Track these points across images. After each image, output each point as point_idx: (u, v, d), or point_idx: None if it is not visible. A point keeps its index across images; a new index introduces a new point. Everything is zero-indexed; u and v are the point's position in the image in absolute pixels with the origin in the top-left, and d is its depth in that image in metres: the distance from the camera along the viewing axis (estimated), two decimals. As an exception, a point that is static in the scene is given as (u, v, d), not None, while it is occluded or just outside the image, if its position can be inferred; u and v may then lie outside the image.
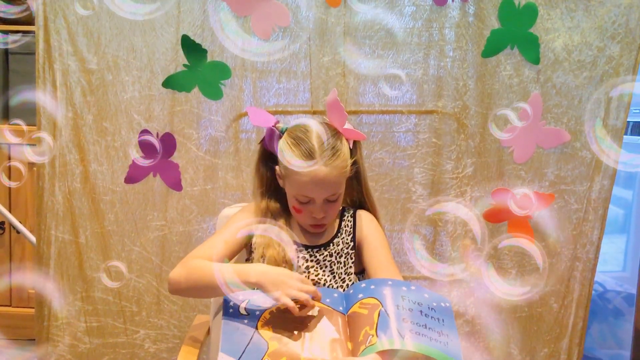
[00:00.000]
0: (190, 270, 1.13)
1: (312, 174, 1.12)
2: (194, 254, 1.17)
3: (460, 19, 1.62)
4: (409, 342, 0.99)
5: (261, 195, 1.26)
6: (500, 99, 1.64)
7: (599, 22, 1.60)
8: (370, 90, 1.67)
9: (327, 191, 1.15)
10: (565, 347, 1.75)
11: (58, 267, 1.72)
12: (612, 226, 2.53)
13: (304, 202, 1.17)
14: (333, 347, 1.04)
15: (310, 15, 1.62)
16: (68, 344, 1.75)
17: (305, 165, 1.12)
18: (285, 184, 1.19)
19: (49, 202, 1.69)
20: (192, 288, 1.13)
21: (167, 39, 1.62)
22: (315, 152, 1.13)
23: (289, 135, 1.17)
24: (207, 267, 1.11)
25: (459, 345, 1.04)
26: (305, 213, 1.18)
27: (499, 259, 1.72)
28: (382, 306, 1.06)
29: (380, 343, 1.00)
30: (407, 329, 1.01)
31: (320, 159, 1.12)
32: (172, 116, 1.66)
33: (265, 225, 1.18)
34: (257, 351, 1.03)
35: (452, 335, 1.05)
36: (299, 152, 1.13)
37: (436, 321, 1.06)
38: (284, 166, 1.16)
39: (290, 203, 1.21)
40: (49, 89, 1.63)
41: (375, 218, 1.30)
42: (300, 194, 1.16)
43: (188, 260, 1.16)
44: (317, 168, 1.12)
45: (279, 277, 1.06)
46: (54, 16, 1.60)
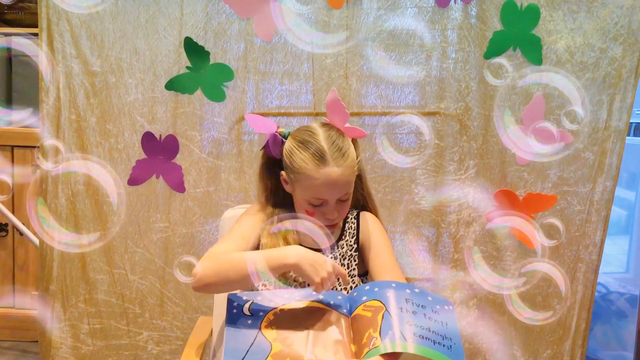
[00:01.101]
0: (218, 263, 1.11)
1: (325, 176, 1.12)
2: (214, 251, 1.16)
3: (463, 21, 1.62)
4: (413, 345, 0.99)
5: (266, 200, 1.25)
6: (503, 101, 1.64)
7: (601, 24, 1.60)
8: (372, 92, 1.67)
9: (340, 191, 1.15)
10: (568, 349, 1.75)
11: (61, 270, 1.72)
12: (615, 227, 2.52)
13: (316, 205, 1.16)
14: (336, 349, 1.04)
15: (313, 17, 1.62)
16: (71, 345, 1.75)
17: (319, 168, 1.12)
18: (295, 189, 1.18)
19: (52, 204, 1.69)
20: (222, 281, 1.10)
21: (170, 41, 1.62)
22: (326, 153, 1.13)
23: (294, 139, 1.17)
24: (237, 257, 1.11)
25: (462, 348, 1.04)
26: (318, 215, 1.17)
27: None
28: (386, 309, 1.06)
29: (383, 346, 1.00)
30: (410, 331, 1.01)
31: (332, 161, 1.13)
32: (175, 118, 1.66)
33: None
34: (261, 352, 1.03)
35: (455, 339, 1.05)
36: (309, 155, 1.13)
37: (440, 324, 1.06)
38: (293, 171, 1.16)
39: (300, 207, 1.19)
40: (52, 92, 1.64)
41: (378, 219, 1.30)
42: (314, 197, 1.15)
43: (212, 256, 1.14)
44: (330, 170, 1.12)
45: (316, 260, 1.06)
46: (57, 19, 1.61)
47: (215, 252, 1.15)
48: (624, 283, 2.33)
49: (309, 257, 1.06)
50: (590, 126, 1.64)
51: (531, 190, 1.67)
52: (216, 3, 1.61)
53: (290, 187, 1.20)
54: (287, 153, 1.17)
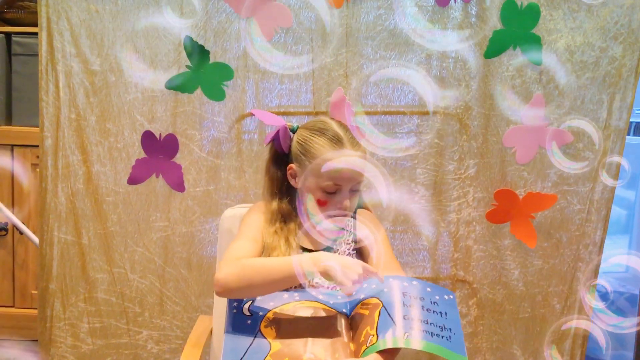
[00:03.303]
0: (243, 269, 1.10)
1: (344, 158, 1.15)
2: (232, 256, 1.15)
3: (463, 20, 1.62)
4: (410, 340, 0.99)
5: (271, 196, 1.26)
6: (503, 100, 1.64)
7: (601, 23, 1.59)
8: (372, 91, 1.67)
9: (356, 176, 1.17)
10: (568, 348, 1.75)
11: (61, 268, 1.72)
12: (615, 227, 2.53)
13: (331, 193, 1.16)
14: (335, 349, 1.04)
15: (313, 17, 1.62)
16: (71, 344, 1.75)
17: (338, 151, 1.15)
18: (307, 178, 1.18)
19: (52, 203, 1.69)
20: (246, 287, 1.09)
21: (169, 40, 1.62)
22: (343, 138, 1.16)
23: (307, 129, 1.20)
24: (262, 263, 1.11)
25: (462, 338, 1.04)
26: (331, 204, 1.17)
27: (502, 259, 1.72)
28: (383, 305, 1.06)
29: (379, 343, 1.00)
30: (407, 326, 1.01)
31: (349, 145, 1.16)
32: (174, 117, 1.66)
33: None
34: (260, 351, 1.03)
35: (455, 329, 1.04)
36: (326, 140, 1.16)
37: (438, 315, 1.05)
38: (309, 158, 1.17)
39: (313, 197, 1.19)
40: (51, 90, 1.64)
41: (374, 216, 1.30)
42: (331, 182, 1.15)
43: (233, 261, 1.12)
44: (347, 153, 1.15)
45: (346, 264, 1.05)
46: (57, 18, 1.61)
47: (232, 257, 1.14)
48: (624, 282, 2.33)
49: (339, 262, 1.05)
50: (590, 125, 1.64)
51: (531, 190, 1.67)
52: (216, 2, 1.61)
53: (299, 179, 1.21)
54: (301, 142, 1.19)
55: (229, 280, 1.08)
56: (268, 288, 1.11)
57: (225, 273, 1.09)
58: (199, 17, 1.61)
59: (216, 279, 1.09)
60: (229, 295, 1.12)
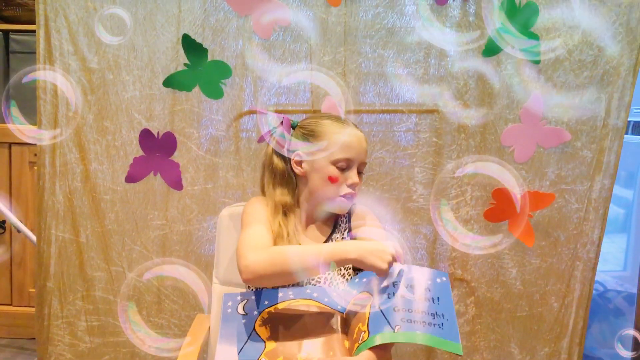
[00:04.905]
0: (272, 256, 1.10)
1: (353, 132, 1.23)
2: (253, 242, 1.14)
3: (461, 18, 1.62)
4: (400, 333, 0.98)
5: (273, 187, 1.28)
6: (501, 99, 1.64)
7: (599, 22, 1.59)
8: (370, 90, 1.66)
9: (364, 153, 1.25)
10: (566, 347, 1.75)
11: (58, 267, 1.72)
12: (613, 225, 2.53)
13: (343, 168, 1.21)
14: (330, 346, 1.04)
15: (311, 15, 1.62)
16: (68, 343, 1.75)
17: (344, 127, 1.24)
18: (316, 161, 1.22)
19: (49, 202, 1.69)
20: (276, 273, 1.09)
21: (167, 38, 1.62)
22: (345, 119, 1.27)
23: (309, 119, 1.29)
24: (292, 250, 1.12)
25: (456, 323, 1.02)
26: (341, 181, 1.22)
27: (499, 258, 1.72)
28: (373, 299, 1.05)
29: (371, 339, 0.99)
30: (398, 318, 1.00)
31: (352, 125, 1.27)
32: (172, 115, 1.66)
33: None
34: (254, 350, 1.03)
35: (448, 314, 1.02)
36: (331, 120, 1.26)
37: (430, 302, 1.04)
38: (316, 138, 1.23)
39: (324, 176, 1.22)
40: (49, 88, 1.64)
41: (368, 209, 1.32)
42: (343, 156, 1.21)
43: (259, 248, 1.12)
44: (353, 129, 1.25)
45: (377, 248, 1.07)
46: (55, 15, 1.60)
47: (252, 246, 1.14)
48: (622, 281, 2.33)
49: (368, 248, 1.07)
50: (589, 124, 1.64)
51: (529, 188, 1.67)
52: (214, 0, 1.61)
53: (305, 165, 1.25)
54: (305, 127, 1.27)
55: (258, 267, 1.08)
56: (296, 276, 1.10)
57: (254, 259, 1.09)
58: (197, 14, 1.61)
59: (244, 265, 1.09)
60: (258, 281, 1.12)
